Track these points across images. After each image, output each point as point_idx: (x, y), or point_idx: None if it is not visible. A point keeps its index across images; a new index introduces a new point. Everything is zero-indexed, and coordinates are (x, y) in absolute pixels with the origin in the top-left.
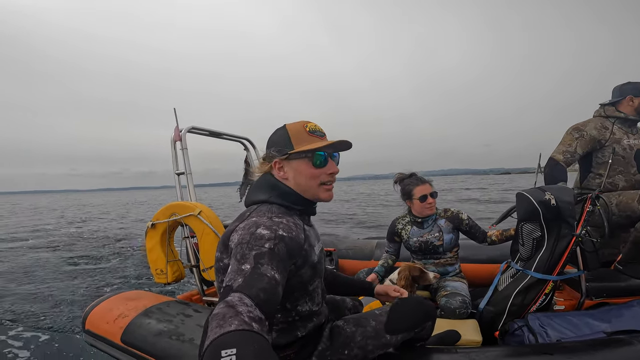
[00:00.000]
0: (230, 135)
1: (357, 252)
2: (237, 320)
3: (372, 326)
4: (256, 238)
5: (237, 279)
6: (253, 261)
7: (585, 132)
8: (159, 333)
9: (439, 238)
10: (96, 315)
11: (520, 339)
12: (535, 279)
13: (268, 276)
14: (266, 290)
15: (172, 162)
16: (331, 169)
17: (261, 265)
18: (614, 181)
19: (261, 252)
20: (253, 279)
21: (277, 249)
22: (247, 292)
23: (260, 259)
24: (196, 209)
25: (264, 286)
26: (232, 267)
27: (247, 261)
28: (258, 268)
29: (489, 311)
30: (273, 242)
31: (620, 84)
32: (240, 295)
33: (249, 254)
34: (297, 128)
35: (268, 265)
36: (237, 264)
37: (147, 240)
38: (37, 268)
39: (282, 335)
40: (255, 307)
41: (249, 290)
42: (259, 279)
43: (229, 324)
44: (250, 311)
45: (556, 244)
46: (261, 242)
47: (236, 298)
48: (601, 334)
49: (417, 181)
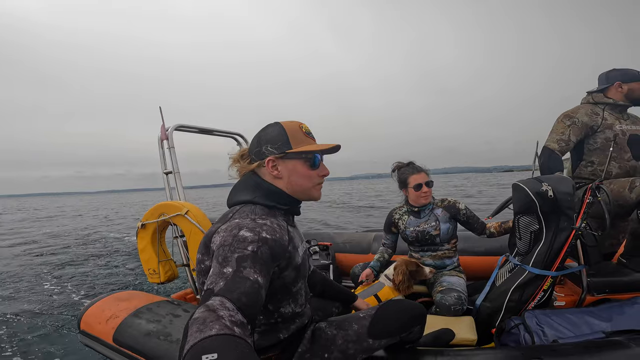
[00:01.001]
0: (220, 131)
1: (354, 245)
2: (218, 324)
3: (354, 329)
4: (239, 240)
5: (218, 282)
6: (235, 264)
7: (577, 118)
8: (148, 333)
9: (435, 227)
10: (90, 316)
11: (516, 337)
12: (533, 274)
13: (251, 280)
14: (248, 294)
15: (160, 161)
16: (324, 171)
17: (244, 269)
18: (607, 168)
19: (244, 255)
20: (235, 282)
21: (260, 252)
22: (228, 295)
23: (242, 262)
24: (183, 209)
25: (246, 290)
26: (214, 270)
27: (229, 264)
28: (240, 271)
29: (486, 307)
30: (256, 245)
31: (606, 71)
32: (222, 299)
33: (231, 256)
34: (294, 128)
35: (251, 268)
36: (218, 266)
37: (139, 241)
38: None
39: (265, 338)
40: (237, 311)
41: (231, 294)
42: (241, 282)
43: (210, 328)
44: (232, 315)
45: (555, 238)
46: (244, 245)
47: (217, 302)
48: (600, 333)
49: (413, 170)
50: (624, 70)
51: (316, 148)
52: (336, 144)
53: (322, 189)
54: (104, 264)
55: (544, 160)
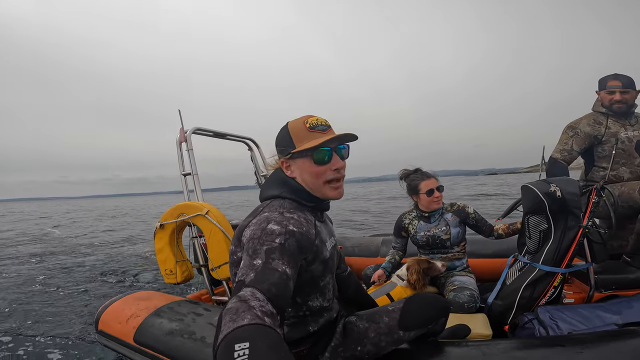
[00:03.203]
0: (234, 136)
1: (362, 249)
2: (250, 314)
3: (385, 322)
4: (267, 233)
5: (249, 273)
6: (264, 256)
7: (579, 129)
8: (171, 332)
9: (446, 232)
10: (109, 316)
11: (531, 332)
12: (544, 271)
13: (279, 271)
14: (278, 285)
15: (178, 163)
16: (336, 164)
17: (272, 260)
18: (618, 173)
19: (272, 247)
20: (265, 273)
21: (287, 244)
22: (259, 286)
23: (271, 254)
24: (204, 209)
25: (275, 281)
26: (244, 262)
27: (258, 256)
28: (269, 263)
29: (498, 305)
30: (284, 237)
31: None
32: (253, 289)
33: (260, 249)
34: (298, 125)
35: (279, 260)
36: (249, 259)
37: (156, 241)
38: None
39: (294, 330)
40: (267, 301)
41: (261, 284)
42: (270, 273)
43: (242, 318)
44: (262, 305)
45: (563, 236)
46: (272, 238)
47: (248, 293)
48: (612, 326)
49: (423, 176)
50: (601, 78)
51: (315, 143)
52: (344, 133)
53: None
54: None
55: (549, 167)
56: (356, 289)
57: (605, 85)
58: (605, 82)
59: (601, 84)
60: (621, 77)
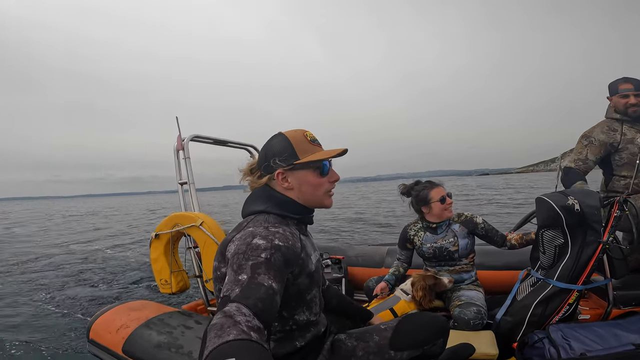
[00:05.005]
0: (235, 143)
1: (366, 259)
2: (236, 329)
3: (375, 341)
4: (252, 248)
5: (234, 289)
6: (250, 271)
7: (593, 137)
8: (159, 345)
9: (454, 243)
10: (100, 325)
11: (541, 351)
12: (558, 288)
13: (265, 286)
14: (264, 299)
15: (175, 171)
16: (334, 177)
17: (258, 275)
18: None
19: (258, 262)
20: (250, 288)
21: (273, 259)
22: (244, 302)
23: (257, 268)
24: (198, 220)
25: (261, 296)
26: (229, 278)
27: (244, 271)
28: (255, 278)
29: (507, 322)
30: (269, 252)
31: None
32: (238, 305)
33: (245, 264)
34: (299, 137)
35: (265, 274)
36: (234, 274)
37: (152, 251)
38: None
39: (281, 345)
40: (254, 316)
41: (247, 300)
42: (256, 288)
43: (228, 333)
44: (248, 320)
45: (581, 252)
46: (257, 252)
47: (234, 308)
48: (630, 346)
49: (432, 184)
50: (611, 83)
51: (324, 156)
52: (343, 149)
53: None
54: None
55: (564, 175)
56: (338, 300)
57: (617, 89)
58: (616, 86)
59: (612, 89)
60: (632, 79)
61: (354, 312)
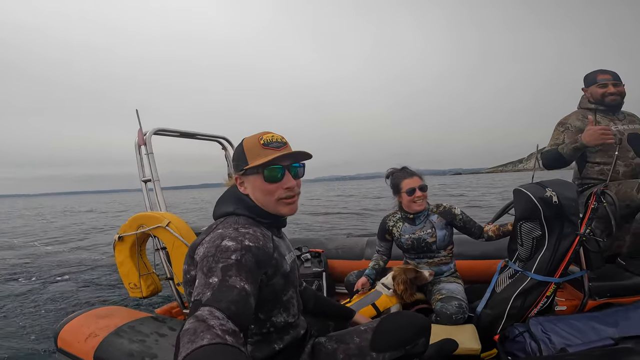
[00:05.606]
0: (204, 135)
1: (346, 251)
2: (210, 334)
3: (356, 343)
4: (222, 250)
5: (205, 292)
6: (220, 274)
7: (569, 124)
8: (131, 354)
9: (431, 234)
10: (67, 333)
11: (522, 345)
12: (536, 281)
13: (237, 288)
14: (237, 302)
15: (138, 168)
16: (287, 183)
17: (229, 278)
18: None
19: (228, 264)
20: (222, 291)
21: (244, 260)
22: (217, 305)
23: (227, 271)
24: (164, 220)
25: (234, 298)
26: (200, 281)
27: (214, 274)
28: (226, 280)
29: (487, 314)
30: (240, 254)
31: None
32: (210, 308)
33: (215, 266)
34: (253, 142)
35: (236, 276)
36: (204, 277)
37: (117, 254)
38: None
39: (259, 349)
40: (228, 319)
41: (219, 303)
42: (228, 291)
43: (201, 338)
44: (222, 324)
45: (558, 244)
46: (227, 254)
47: (206, 312)
48: (608, 340)
49: (405, 174)
50: (587, 74)
51: (264, 160)
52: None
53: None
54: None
55: (543, 157)
56: (316, 300)
57: (595, 79)
58: (594, 77)
59: (589, 80)
60: (609, 71)
61: (334, 312)
